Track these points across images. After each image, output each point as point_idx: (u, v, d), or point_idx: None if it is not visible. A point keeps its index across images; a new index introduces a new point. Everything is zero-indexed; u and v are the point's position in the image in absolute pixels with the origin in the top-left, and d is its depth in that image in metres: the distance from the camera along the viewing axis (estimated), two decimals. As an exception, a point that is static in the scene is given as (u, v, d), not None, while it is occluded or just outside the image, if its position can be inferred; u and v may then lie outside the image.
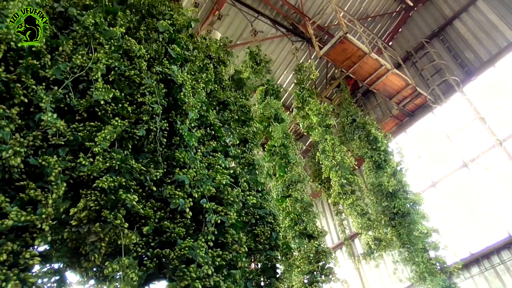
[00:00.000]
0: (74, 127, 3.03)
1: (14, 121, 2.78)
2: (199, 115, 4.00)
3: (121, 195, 2.75)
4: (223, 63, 5.70)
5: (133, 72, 3.63)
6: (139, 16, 4.68)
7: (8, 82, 2.86)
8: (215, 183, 3.52)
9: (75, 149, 2.96)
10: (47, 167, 2.71)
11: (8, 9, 3.02)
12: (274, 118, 7.20)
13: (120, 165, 2.93)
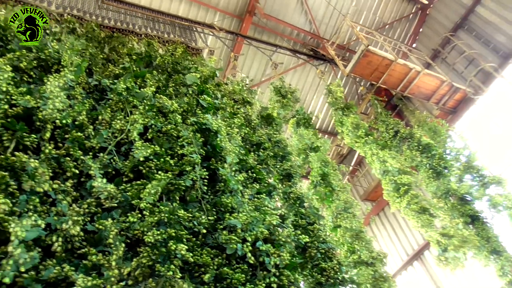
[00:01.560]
0: (123, 188, 3.15)
1: (70, 194, 2.94)
2: (238, 159, 4.05)
3: (170, 246, 2.78)
4: (248, 103, 5.79)
5: (169, 127, 3.78)
6: (166, 74, 4.93)
7: (58, 158, 3.05)
8: (266, 225, 3.49)
9: (127, 209, 3.06)
10: (104, 230, 2.81)
11: (47, 90, 3.28)
12: (310, 148, 7.07)
13: (169, 217, 2.98)
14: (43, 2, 6.04)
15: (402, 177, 7.68)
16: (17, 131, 2.95)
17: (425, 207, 7.33)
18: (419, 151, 9.06)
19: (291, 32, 12.02)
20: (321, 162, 6.21)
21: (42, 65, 3.93)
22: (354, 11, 12.38)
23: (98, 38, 5.42)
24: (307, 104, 13.09)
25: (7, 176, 2.61)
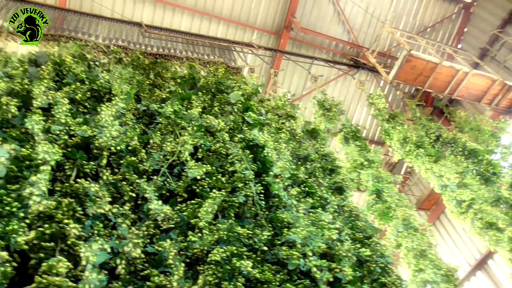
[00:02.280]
0: (178, 208, 3.20)
1: (129, 217, 3.03)
2: (289, 174, 4.02)
3: (235, 263, 2.78)
4: (292, 117, 5.76)
5: (218, 145, 3.83)
6: (210, 94, 5.03)
7: (116, 183, 3.16)
8: (324, 239, 3.41)
9: (184, 229, 3.10)
10: (164, 252, 2.85)
11: (102, 119, 3.43)
12: (361, 164, 6.81)
13: (228, 235, 2.99)
14: (91, 36, 6.38)
15: (462, 192, 7.20)
16: (77, 160, 3.10)
17: (492, 221, 6.79)
18: (464, 156, 8.51)
19: (329, 44, 11.95)
20: (374, 179, 5.86)
21: (95, 95, 4.13)
22: (393, 17, 12.14)
23: (143, 65, 5.65)
24: (351, 114, 12.87)
25: (74, 202, 2.73)
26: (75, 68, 4.29)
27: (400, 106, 12.98)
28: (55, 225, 2.56)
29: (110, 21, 7.41)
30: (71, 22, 6.86)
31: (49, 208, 2.61)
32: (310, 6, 11.40)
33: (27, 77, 3.93)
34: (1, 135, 3.09)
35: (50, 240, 2.53)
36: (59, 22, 6.79)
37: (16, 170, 2.79)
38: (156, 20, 10.24)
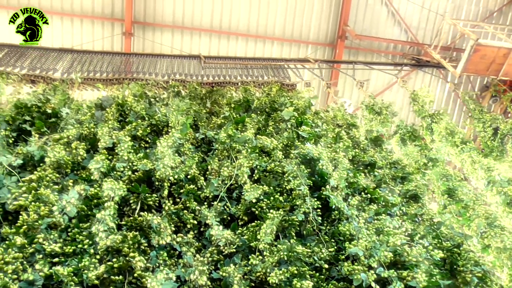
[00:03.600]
0: (240, 232, 3.23)
1: (193, 245, 3.12)
2: (348, 183, 3.88)
3: (295, 284, 2.72)
4: (354, 126, 5.59)
5: (273, 165, 3.83)
6: (265, 114, 5.08)
7: (178, 212, 3.28)
8: (391, 247, 3.23)
9: (246, 252, 3.11)
10: (228, 277, 2.88)
11: (160, 151, 3.60)
12: (425, 164, 6.31)
13: (288, 255, 2.94)
14: (151, 75, 6.80)
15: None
16: (140, 193, 3.27)
17: None
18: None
19: (387, 47, 11.55)
20: (441, 177, 5.39)
21: (155, 129, 4.36)
22: (452, 8, 11.43)
23: (200, 95, 5.88)
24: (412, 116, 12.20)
25: (138, 235, 2.88)
26: (136, 107, 4.59)
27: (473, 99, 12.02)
28: (122, 258, 2.71)
29: (169, 58, 7.86)
30: (134, 64, 7.38)
31: (115, 242, 2.76)
32: (362, 12, 11.16)
33: (94, 121, 4.28)
34: (72, 178, 3.37)
35: (118, 273, 2.67)
36: (124, 66, 7.35)
37: (86, 209, 3.02)
38: (212, 50, 10.67)
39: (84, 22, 10.06)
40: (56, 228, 2.85)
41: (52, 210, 2.86)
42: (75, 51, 7.63)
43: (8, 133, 3.97)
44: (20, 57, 6.89)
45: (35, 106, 4.46)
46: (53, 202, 2.92)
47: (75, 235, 2.79)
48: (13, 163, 3.41)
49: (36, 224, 2.77)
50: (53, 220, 2.82)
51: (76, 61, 7.16)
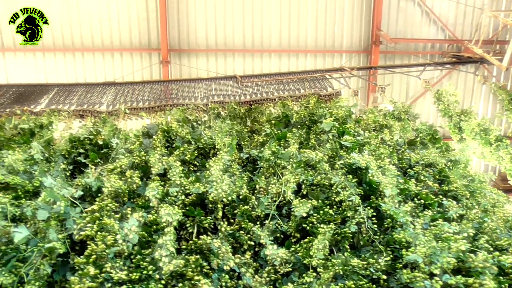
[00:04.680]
0: (293, 250, 3.23)
1: (251, 265, 3.15)
2: (399, 190, 3.80)
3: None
4: (387, 128, 5.46)
5: (319, 178, 3.83)
6: (305, 127, 5.09)
7: (233, 233, 3.34)
8: (453, 253, 3.11)
9: (302, 270, 3.11)
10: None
11: (212, 174, 3.69)
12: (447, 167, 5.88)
13: (343, 269, 2.91)
14: (191, 99, 7.01)
15: None
16: (195, 217, 3.37)
17: None
18: None
19: (424, 47, 11.30)
20: (461, 179, 4.87)
21: (202, 153, 4.49)
22: (491, 0, 11.06)
23: (240, 115, 5.99)
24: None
25: (199, 258, 2.95)
26: (181, 132, 4.75)
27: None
28: (187, 282, 2.79)
29: (206, 81, 8.08)
30: (174, 91, 7.65)
31: (179, 267, 2.85)
32: (394, 15, 11.03)
33: (143, 148, 4.47)
34: (130, 206, 3.52)
35: (183, 297, 2.75)
36: (164, 93, 7.63)
37: (146, 236, 3.14)
38: (247, 69, 10.87)
39: (124, 55, 10.57)
40: (120, 256, 2.97)
41: (116, 239, 3.00)
42: (118, 84, 8.03)
43: (65, 167, 4.23)
44: (69, 95, 7.34)
45: (87, 139, 4.72)
46: (116, 231, 3.06)
47: (139, 261, 2.91)
48: (74, 195, 3.62)
49: (103, 254, 2.91)
50: (118, 248, 2.95)
51: (119, 93, 7.52)
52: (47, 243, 2.98)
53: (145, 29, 10.44)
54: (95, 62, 10.56)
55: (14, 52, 10.25)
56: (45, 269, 2.89)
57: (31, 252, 2.97)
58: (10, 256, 2.96)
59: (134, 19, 10.35)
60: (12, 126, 5.39)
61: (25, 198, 3.69)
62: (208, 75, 9.85)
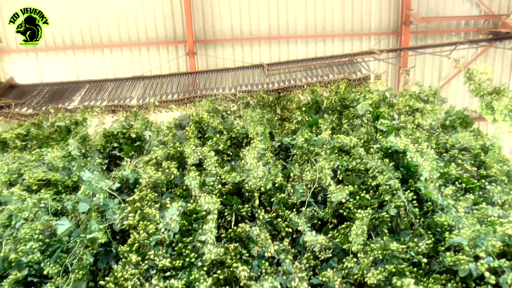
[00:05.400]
0: (331, 236, 3.20)
1: (289, 252, 3.15)
2: (439, 173, 3.69)
3: (395, 283, 2.63)
4: (420, 111, 5.29)
5: (354, 163, 3.77)
6: (336, 113, 5.01)
7: (271, 221, 3.35)
8: (498, 236, 3.00)
9: (341, 255, 3.08)
10: (328, 281, 2.87)
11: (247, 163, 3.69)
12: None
13: (383, 253, 2.86)
14: (218, 90, 7.02)
15: None
16: (233, 205, 3.39)
17: None
18: None
19: (457, 25, 10.85)
20: (497, 163, 4.56)
21: (234, 142, 4.50)
22: (528, -30, 10.49)
23: (268, 103, 5.95)
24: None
25: (239, 246, 2.98)
26: (212, 122, 4.77)
27: None
28: (226, 269, 2.82)
29: (233, 71, 8.06)
30: (201, 82, 7.68)
31: (219, 254, 2.89)
32: (424, -7, 10.62)
33: (177, 140, 4.52)
34: (168, 196, 3.58)
35: (225, 284, 2.80)
36: (192, 85, 7.68)
37: (187, 224, 3.19)
38: (273, 57, 10.78)
39: (151, 49, 10.69)
40: (162, 244, 3.05)
41: (157, 228, 3.07)
42: (146, 78, 8.12)
43: (101, 161, 4.33)
44: (100, 91, 7.50)
45: (120, 133, 4.81)
46: (157, 220, 3.13)
47: (181, 249, 2.97)
48: (112, 187, 3.71)
49: (146, 242, 2.98)
50: (160, 237, 3.02)
51: (148, 87, 7.62)
52: (88, 234, 3.07)
53: (170, 22, 10.50)
54: (123, 58, 10.73)
55: (46, 52, 10.54)
56: (87, 259, 2.99)
57: (74, 243, 3.07)
58: (55, 248, 3.07)
59: (159, 12, 10.42)
60: (49, 124, 5.55)
61: (65, 193, 3.81)
62: (234, 64, 9.82)
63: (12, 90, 7.56)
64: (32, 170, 4.05)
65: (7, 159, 4.43)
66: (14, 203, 3.51)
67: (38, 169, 4.08)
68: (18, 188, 3.76)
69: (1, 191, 3.75)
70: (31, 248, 3.00)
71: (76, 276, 2.87)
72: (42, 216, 3.38)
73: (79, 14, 10.33)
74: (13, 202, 3.54)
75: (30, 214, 3.34)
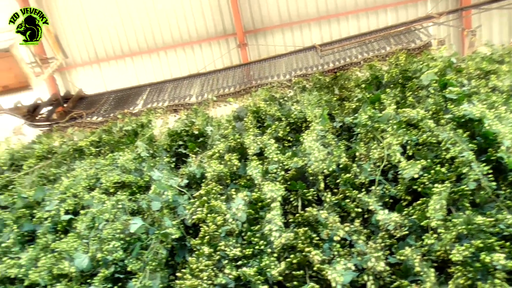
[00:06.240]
0: (406, 213, 3.06)
1: (362, 232, 3.07)
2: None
3: (483, 259, 2.45)
4: (494, 73, 4.83)
5: (425, 136, 3.55)
6: (399, 86, 4.76)
7: (339, 203, 3.29)
8: None
9: (419, 233, 2.93)
10: (407, 260, 2.75)
11: (307, 147, 3.64)
12: None
13: (467, 228, 2.68)
14: (273, 77, 6.99)
15: None
16: (298, 190, 3.37)
17: None
18: None
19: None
20: None
21: (294, 128, 4.45)
22: None
23: (325, 84, 5.81)
24: None
25: (308, 230, 2.95)
26: (270, 110, 4.75)
27: None
28: (298, 254, 2.81)
29: (285, 57, 7.97)
30: (255, 71, 7.69)
31: (289, 240, 2.88)
32: None
33: (236, 132, 4.56)
34: (233, 187, 3.64)
35: (298, 268, 2.78)
36: (246, 75, 7.72)
37: (253, 213, 3.22)
38: (325, 37, 10.52)
39: (203, 46, 10.92)
40: (232, 234, 3.11)
41: (225, 219, 3.14)
42: (202, 74, 8.30)
43: (168, 159, 4.50)
44: (160, 92, 7.79)
45: (183, 131, 4.96)
46: (224, 212, 3.20)
47: (250, 238, 3.01)
48: (181, 184, 3.85)
49: (216, 234, 3.06)
50: (228, 227, 3.08)
51: (205, 83, 7.79)
52: (162, 230, 3.21)
53: (218, 16, 10.63)
54: (178, 58, 11.07)
55: (108, 61, 11.16)
56: (162, 253, 3.13)
57: (151, 240, 3.23)
58: (134, 246, 3.25)
59: (207, 9, 10.58)
60: (118, 129, 5.87)
61: (139, 193, 4.01)
62: (286, 50, 9.67)
63: (82, 101, 8.11)
64: (107, 174, 4.31)
65: (85, 166, 4.75)
66: (95, 206, 3.76)
67: (113, 172, 4.33)
68: (97, 191, 4.02)
69: (83, 196, 4.03)
70: (114, 247, 3.20)
71: (150, 268, 3.02)
72: (121, 216, 3.59)
73: (133, 22, 10.80)
74: (94, 205, 3.79)
75: (110, 215, 3.56)
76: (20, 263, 3.44)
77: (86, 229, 3.54)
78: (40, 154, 5.34)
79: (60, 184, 4.38)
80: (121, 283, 3.12)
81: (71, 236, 3.50)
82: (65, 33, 10.92)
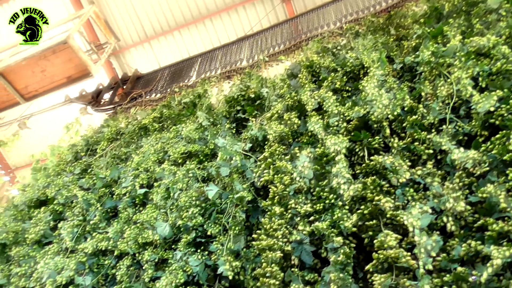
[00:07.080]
0: (484, 149, 2.86)
1: (436, 174, 2.95)
2: None
3: None
4: None
5: (499, 64, 3.24)
6: (463, 14, 4.34)
7: (407, 147, 3.16)
8: None
9: (501, 168, 2.74)
10: (491, 197, 2.60)
11: (368, 94, 3.49)
12: None
13: None
14: (323, 27, 6.69)
15: None
16: (363, 140, 3.27)
17: None
18: None
19: None
20: None
21: (351, 76, 4.27)
22: None
23: (380, 26, 5.46)
24: None
25: (376, 179, 2.88)
26: (324, 62, 4.59)
27: None
28: (369, 204, 2.76)
29: (333, 4, 7.56)
30: (304, 25, 7.41)
31: (358, 191, 2.84)
32: None
33: (292, 90, 4.48)
34: (296, 145, 3.62)
35: (371, 218, 2.74)
36: (295, 30, 7.47)
37: (319, 169, 3.20)
38: (372, -24, 9.80)
39: (247, 8, 10.69)
40: (301, 192, 3.12)
41: (292, 178, 3.15)
42: (250, 36, 8.15)
43: (229, 126, 4.57)
44: (211, 61, 7.81)
45: (240, 96, 4.97)
46: (291, 171, 3.21)
47: (319, 193, 3.00)
48: (245, 148, 3.90)
49: (285, 193, 3.10)
50: (296, 185, 3.10)
51: (254, 45, 7.65)
52: (235, 194, 3.30)
53: (260, -27, 10.28)
54: (224, 24, 10.97)
55: (157, 38, 11.36)
56: (240, 216, 3.23)
57: (226, 204, 3.34)
58: (211, 210, 3.39)
59: (246, -33, 10.26)
60: (177, 103, 6.04)
61: (206, 160, 4.14)
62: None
63: (139, 81, 8.39)
64: (173, 146, 4.49)
65: (151, 141, 4.98)
66: (167, 177, 3.95)
67: (178, 144, 4.50)
68: (167, 164, 4.22)
69: (154, 169, 4.25)
70: (193, 213, 3.36)
71: (234, 233, 3.14)
72: (193, 184, 3.75)
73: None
74: (166, 176, 3.99)
75: (183, 185, 3.73)
76: (108, 236, 3.76)
77: (161, 199, 3.75)
78: (110, 136, 5.67)
79: (131, 161, 4.66)
80: (203, 246, 3.30)
81: (149, 207, 3.74)
82: (114, 17, 11.23)
